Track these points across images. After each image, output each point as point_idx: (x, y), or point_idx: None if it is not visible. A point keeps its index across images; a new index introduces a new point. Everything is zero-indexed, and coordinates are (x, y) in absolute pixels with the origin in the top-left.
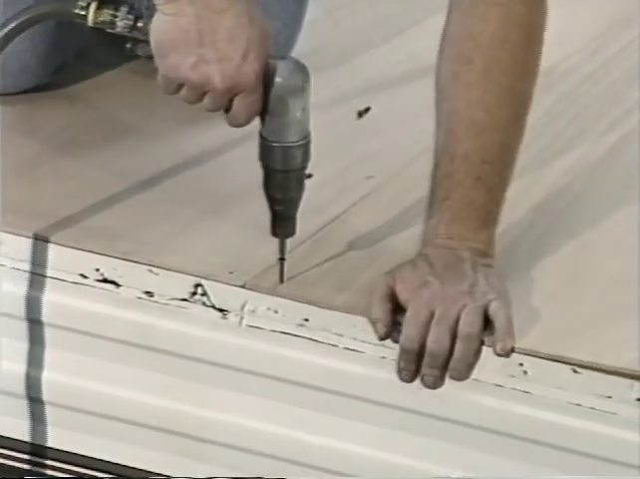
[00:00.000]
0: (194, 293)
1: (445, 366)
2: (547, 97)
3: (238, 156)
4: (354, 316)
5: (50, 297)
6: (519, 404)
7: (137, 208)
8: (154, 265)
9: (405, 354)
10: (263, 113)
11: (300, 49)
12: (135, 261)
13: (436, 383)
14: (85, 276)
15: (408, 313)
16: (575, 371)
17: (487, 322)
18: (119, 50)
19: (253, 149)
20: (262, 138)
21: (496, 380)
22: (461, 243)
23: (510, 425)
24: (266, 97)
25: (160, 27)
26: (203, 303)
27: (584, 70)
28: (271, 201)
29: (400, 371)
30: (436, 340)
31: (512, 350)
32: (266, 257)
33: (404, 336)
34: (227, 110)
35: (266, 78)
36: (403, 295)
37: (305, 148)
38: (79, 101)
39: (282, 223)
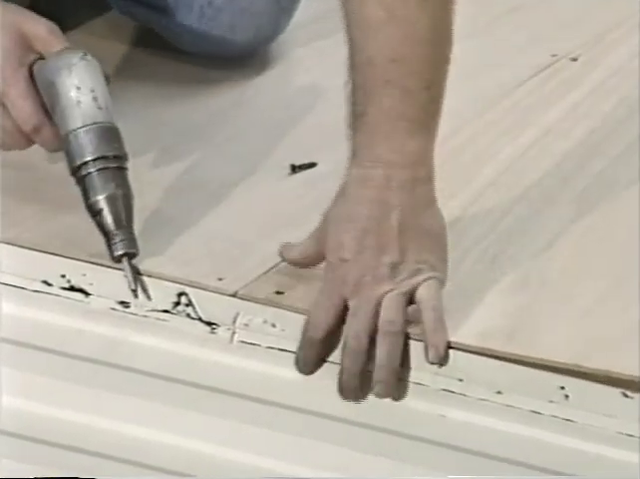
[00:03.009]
0: (178, 304)
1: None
2: (593, 72)
3: (226, 141)
4: None
5: (6, 308)
6: (560, 434)
7: None
8: None
9: (306, 344)
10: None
11: (300, 17)
12: (107, 266)
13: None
14: (48, 284)
15: (317, 296)
16: (626, 395)
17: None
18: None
19: (246, 135)
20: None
21: (532, 406)
22: (388, 173)
23: (550, 459)
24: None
25: None
26: (188, 315)
27: (635, 41)
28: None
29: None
30: (354, 336)
31: (447, 351)
32: (262, 262)
33: (307, 323)
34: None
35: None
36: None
37: (96, 133)
38: None
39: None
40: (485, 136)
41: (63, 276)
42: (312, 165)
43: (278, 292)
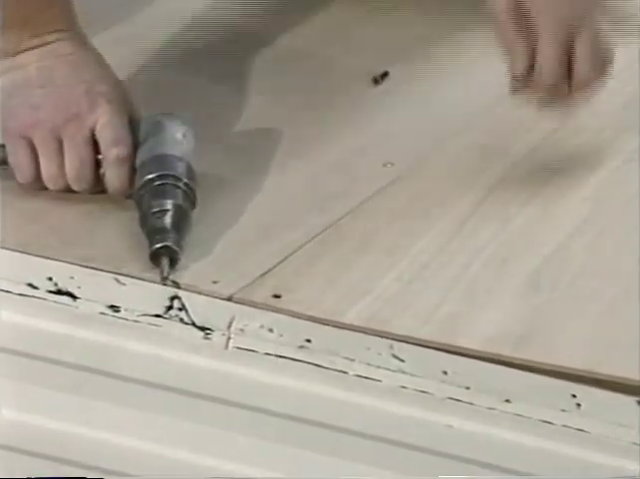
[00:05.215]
0: (170, 308)
1: None
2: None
3: (221, 137)
4: (368, 336)
5: None
6: (572, 445)
7: (97, 201)
8: (119, 273)
9: None
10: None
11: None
12: (96, 268)
13: None
14: (34, 287)
15: None
16: None
17: None
18: None
19: (242, 131)
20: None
21: (543, 415)
22: None
23: (561, 471)
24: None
25: None
26: (181, 320)
27: (635, 45)
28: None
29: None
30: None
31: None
32: (259, 264)
33: None
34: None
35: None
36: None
37: (188, 167)
38: None
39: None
40: (495, 131)
41: (50, 279)
42: None
43: (275, 296)
